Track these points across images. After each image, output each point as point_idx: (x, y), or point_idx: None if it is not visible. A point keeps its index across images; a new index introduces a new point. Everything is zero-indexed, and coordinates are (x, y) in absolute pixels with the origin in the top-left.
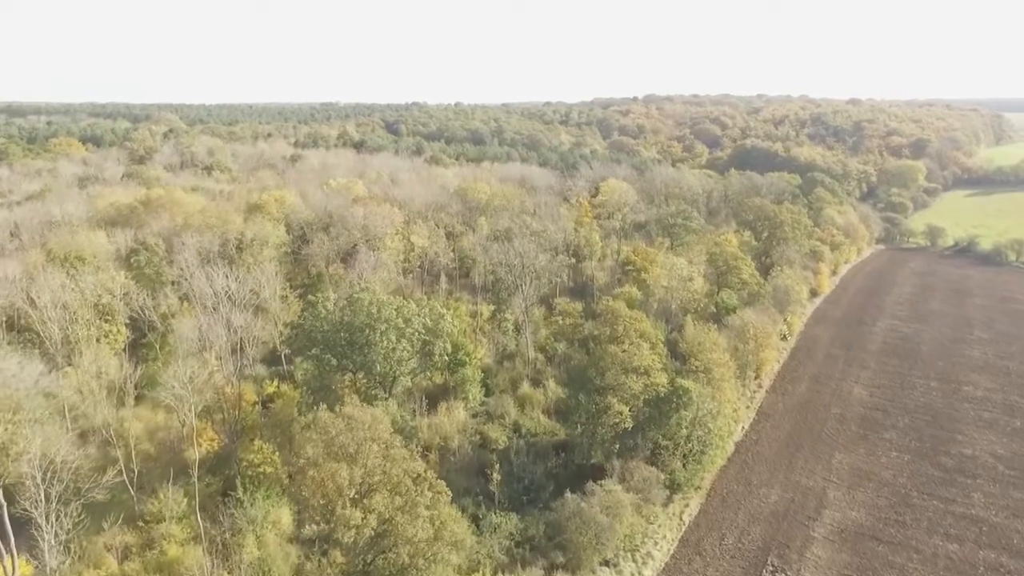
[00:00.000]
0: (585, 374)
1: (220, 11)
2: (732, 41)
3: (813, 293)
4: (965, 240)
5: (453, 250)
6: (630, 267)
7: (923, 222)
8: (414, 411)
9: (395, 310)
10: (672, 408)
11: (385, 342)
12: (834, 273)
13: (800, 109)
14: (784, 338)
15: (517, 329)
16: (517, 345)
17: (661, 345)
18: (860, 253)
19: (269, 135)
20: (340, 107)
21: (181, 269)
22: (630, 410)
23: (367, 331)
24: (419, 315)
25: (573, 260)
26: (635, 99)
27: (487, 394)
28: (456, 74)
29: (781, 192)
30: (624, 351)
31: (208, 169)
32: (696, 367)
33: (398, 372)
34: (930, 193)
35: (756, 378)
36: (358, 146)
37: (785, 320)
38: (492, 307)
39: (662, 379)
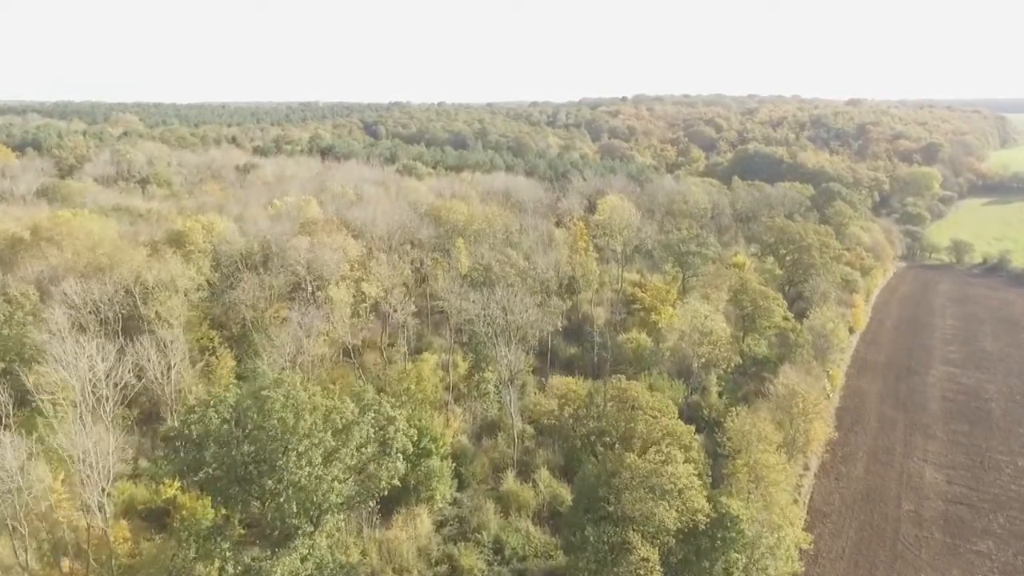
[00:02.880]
0: (594, 493)
1: (208, 10)
2: (722, 40)
3: (849, 330)
4: (995, 257)
5: (422, 285)
6: (637, 306)
7: (943, 235)
8: (359, 527)
9: (321, 417)
10: (717, 547)
11: (304, 467)
12: (865, 302)
13: (798, 110)
14: (827, 396)
15: (500, 388)
16: (500, 411)
17: (697, 449)
18: (885, 274)
19: (234, 138)
20: (319, 107)
21: (51, 332)
22: (659, 549)
23: (278, 445)
24: (359, 422)
25: (568, 303)
26: (624, 99)
27: (460, 486)
28: (440, 73)
29: (796, 205)
30: (649, 462)
31: (143, 182)
32: (740, 471)
33: (325, 504)
34: (945, 202)
35: (802, 456)
36: (325, 152)
37: (827, 372)
38: (470, 357)
39: (701, 501)
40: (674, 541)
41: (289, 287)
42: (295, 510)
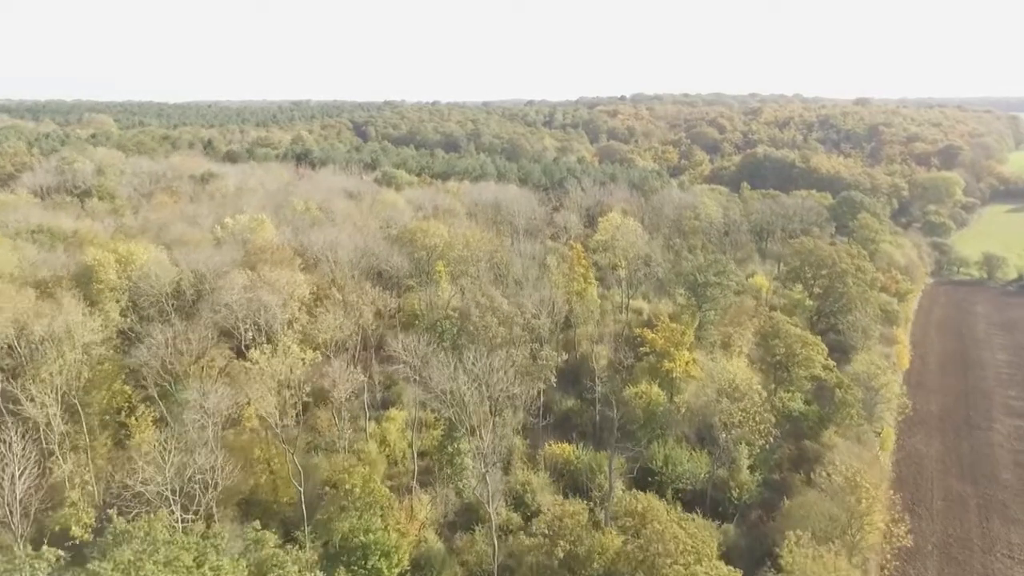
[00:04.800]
0: None
1: (206, 9)
2: (721, 37)
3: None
4: None
5: (395, 317)
6: (646, 350)
7: (968, 245)
8: None
9: None
10: None
11: None
12: (904, 333)
13: (804, 110)
14: (880, 466)
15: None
16: (479, 490)
17: None
18: (916, 295)
19: (210, 141)
20: (310, 106)
21: None
22: None
23: None
24: None
25: (565, 355)
26: (623, 98)
27: None
28: (436, 72)
29: (815, 216)
30: None
31: (84, 195)
32: None
33: None
34: (968, 209)
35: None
36: (301, 157)
37: (876, 432)
38: (444, 420)
39: None
40: None
41: (217, 337)
42: None
